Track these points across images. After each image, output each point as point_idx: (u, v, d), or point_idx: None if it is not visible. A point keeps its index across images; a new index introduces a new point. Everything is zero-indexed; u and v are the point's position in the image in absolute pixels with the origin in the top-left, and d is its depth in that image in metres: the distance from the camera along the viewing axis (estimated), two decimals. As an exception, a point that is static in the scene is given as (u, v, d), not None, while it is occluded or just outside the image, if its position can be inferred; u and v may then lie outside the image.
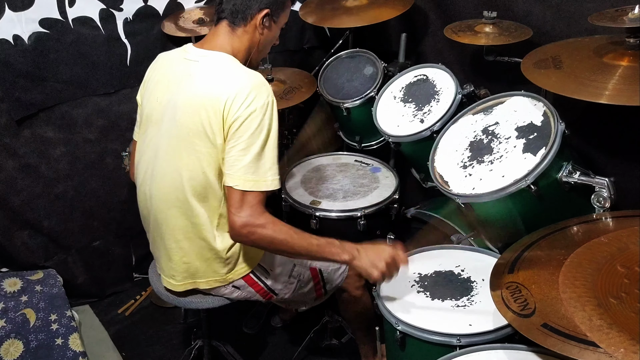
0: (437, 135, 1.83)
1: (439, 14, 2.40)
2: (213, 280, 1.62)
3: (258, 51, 1.61)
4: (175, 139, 1.50)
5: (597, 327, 0.89)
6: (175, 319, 2.44)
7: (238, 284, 1.64)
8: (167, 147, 1.52)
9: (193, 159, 1.48)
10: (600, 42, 1.61)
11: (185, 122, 1.47)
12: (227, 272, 1.61)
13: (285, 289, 1.70)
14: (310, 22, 2.44)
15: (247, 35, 1.55)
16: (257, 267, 1.65)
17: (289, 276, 1.70)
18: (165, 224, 1.58)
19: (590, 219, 1.43)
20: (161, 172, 1.55)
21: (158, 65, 1.64)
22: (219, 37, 1.55)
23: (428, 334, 1.39)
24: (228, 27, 1.55)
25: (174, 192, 1.53)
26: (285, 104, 2.23)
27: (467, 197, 1.59)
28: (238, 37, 1.55)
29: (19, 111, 2.19)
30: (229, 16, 1.54)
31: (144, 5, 2.33)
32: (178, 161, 1.50)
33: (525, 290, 1.20)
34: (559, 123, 1.52)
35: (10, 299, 2.10)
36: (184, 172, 1.50)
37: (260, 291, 1.67)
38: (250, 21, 1.54)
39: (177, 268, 1.61)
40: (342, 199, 2.07)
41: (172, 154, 1.52)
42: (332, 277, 1.77)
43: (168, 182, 1.54)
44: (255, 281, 1.66)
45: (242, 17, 1.53)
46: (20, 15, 2.08)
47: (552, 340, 1.04)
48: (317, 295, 1.78)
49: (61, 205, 2.40)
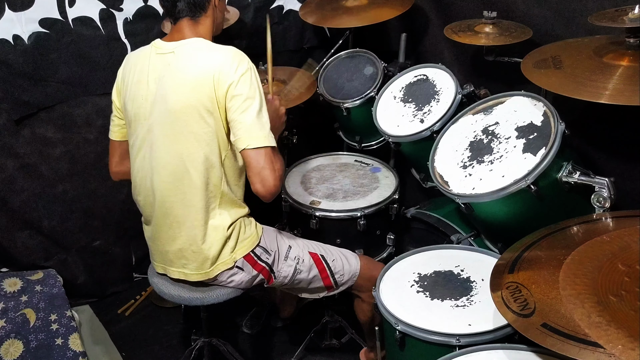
0: (437, 135, 1.83)
1: (439, 14, 2.39)
2: (221, 264, 1.65)
3: (218, 24, 1.72)
4: (169, 126, 1.56)
5: (596, 323, 0.89)
6: (175, 319, 2.44)
7: (240, 263, 1.68)
8: (163, 137, 1.57)
9: (191, 141, 1.55)
10: (600, 42, 1.61)
11: (179, 108, 1.53)
12: (231, 252, 1.65)
13: (284, 271, 1.74)
14: (310, 22, 2.44)
15: (209, 18, 1.65)
16: (257, 247, 1.70)
17: (285, 257, 1.75)
18: (171, 213, 1.62)
19: (590, 219, 1.42)
20: (162, 163, 1.59)
21: (131, 64, 1.67)
22: (182, 30, 1.62)
23: (427, 333, 1.39)
24: (190, 21, 1.62)
25: (178, 180, 1.58)
26: (285, 104, 2.22)
27: (467, 197, 1.59)
28: (202, 24, 1.64)
29: (18, 111, 2.19)
30: (189, 13, 1.61)
31: (144, 5, 2.33)
32: (177, 146, 1.56)
33: (525, 290, 1.20)
34: (559, 123, 1.52)
35: (10, 299, 2.10)
36: (185, 155, 1.56)
37: (262, 271, 1.71)
38: (209, 7, 1.63)
39: (188, 257, 1.65)
40: (342, 199, 2.07)
41: (169, 142, 1.57)
42: (341, 267, 1.81)
43: (170, 170, 1.59)
44: (256, 261, 1.70)
45: (201, 7, 1.62)
46: (20, 15, 2.08)
47: (552, 340, 1.04)
48: (325, 285, 1.81)
49: (61, 205, 2.40)
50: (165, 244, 1.69)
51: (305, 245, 1.80)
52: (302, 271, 1.76)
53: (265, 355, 2.25)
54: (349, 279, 1.83)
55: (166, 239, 1.67)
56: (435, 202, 2.10)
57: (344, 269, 1.81)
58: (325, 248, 1.83)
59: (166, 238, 1.67)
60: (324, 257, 1.78)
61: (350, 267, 1.83)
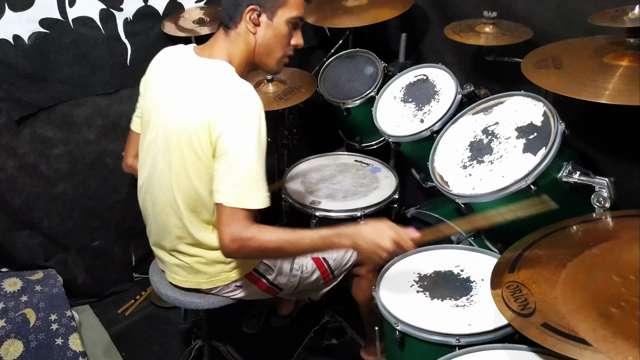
0: (437, 135, 1.83)
1: (439, 14, 2.40)
2: (216, 280, 1.61)
3: (263, 54, 1.52)
4: (167, 150, 1.48)
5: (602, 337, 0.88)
6: (175, 319, 2.44)
7: (240, 282, 1.63)
8: (162, 157, 1.51)
9: (183, 172, 1.46)
10: (600, 42, 1.61)
11: (176, 135, 1.44)
12: (229, 271, 1.60)
13: (289, 283, 1.70)
14: (310, 22, 2.44)
15: (241, 37, 1.48)
16: (259, 264, 1.64)
17: (290, 269, 1.69)
18: (165, 229, 1.58)
19: (590, 219, 1.42)
20: (157, 179, 1.54)
21: (160, 63, 1.60)
22: (215, 43, 1.51)
23: (427, 333, 1.39)
24: (223, 31, 1.50)
25: (168, 201, 1.53)
26: (285, 104, 2.22)
27: (467, 197, 1.59)
28: (232, 41, 1.49)
29: (18, 111, 2.19)
30: (225, 20, 1.49)
31: (144, 5, 2.33)
32: (169, 172, 1.49)
33: (525, 290, 1.20)
34: (559, 123, 1.52)
35: (10, 299, 2.10)
36: (174, 184, 1.49)
37: (265, 288, 1.67)
38: (240, 22, 1.47)
39: (181, 266, 1.61)
40: (342, 199, 2.07)
41: (165, 164, 1.50)
42: (340, 263, 1.77)
43: (164, 190, 1.53)
44: (259, 278, 1.65)
45: (232, 19, 1.47)
46: (20, 15, 2.08)
47: (552, 339, 1.04)
48: (325, 282, 1.78)
49: (61, 205, 2.40)
50: (160, 251, 1.66)
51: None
52: (305, 277, 1.73)
53: (265, 355, 2.24)
54: (347, 267, 1.79)
55: (161, 246, 1.64)
56: (435, 202, 2.10)
57: (342, 264, 1.78)
58: None
59: (161, 246, 1.64)
60: (326, 259, 1.76)
61: (346, 254, 1.78)
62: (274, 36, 1.50)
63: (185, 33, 2.31)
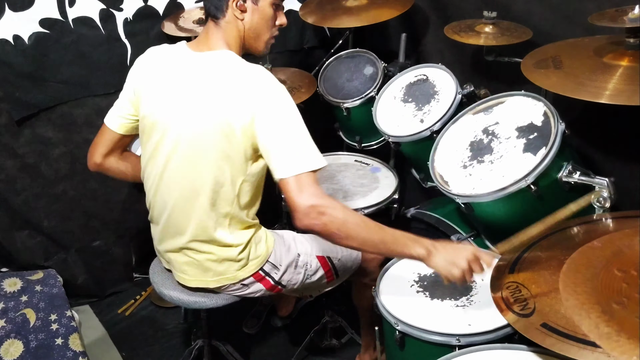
0: (437, 135, 1.82)
1: (439, 14, 2.39)
2: (224, 278, 1.62)
3: (252, 37, 1.57)
4: (189, 148, 1.50)
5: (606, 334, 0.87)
6: (175, 319, 2.44)
7: (247, 281, 1.64)
8: (181, 155, 1.51)
9: (207, 167, 1.49)
10: (600, 42, 1.60)
11: (202, 129, 1.46)
12: (238, 270, 1.61)
13: (293, 280, 1.70)
14: (310, 22, 2.44)
15: (230, 24, 1.53)
16: (266, 263, 1.64)
17: (295, 267, 1.69)
18: (179, 227, 1.58)
19: (590, 219, 1.42)
20: (172, 178, 1.55)
21: (153, 64, 1.61)
22: (209, 35, 1.55)
23: (427, 333, 1.39)
24: (212, 23, 1.54)
25: (187, 199, 1.54)
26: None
27: (467, 197, 1.59)
28: (224, 30, 1.53)
29: (19, 111, 2.19)
30: (211, 11, 1.53)
31: (144, 5, 2.33)
32: (192, 168, 1.50)
33: (525, 290, 1.20)
34: (559, 123, 1.52)
35: (10, 299, 2.09)
36: (198, 179, 1.50)
37: (269, 286, 1.67)
38: (227, 10, 1.51)
39: (191, 264, 1.62)
40: (342, 199, 2.07)
41: (184, 162, 1.51)
42: (345, 264, 1.77)
43: (183, 187, 1.54)
44: (264, 277, 1.65)
45: (218, 9, 1.51)
46: (20, 15, 2.08)
47: (552, 340, 1.04)
48: (328, 281, 1.78)
49: (61, 205, 2.40)
50: (169, 250, 1.66)
51: (313, 249, 1.74)
52: (310, 275, 1.73)
53: (265, 355, 2.24)
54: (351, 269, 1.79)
55: (171, 245, 1.64)
56: (435, 202, 2.10)
57: (347, 265, 1.78)
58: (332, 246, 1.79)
59: (171, 245, 1.64)
60: (330, 258, 1.75)
61: (351, 256, 1.78)
62: (261, 19, 1.56)
63: (185, 33, 2.31)
